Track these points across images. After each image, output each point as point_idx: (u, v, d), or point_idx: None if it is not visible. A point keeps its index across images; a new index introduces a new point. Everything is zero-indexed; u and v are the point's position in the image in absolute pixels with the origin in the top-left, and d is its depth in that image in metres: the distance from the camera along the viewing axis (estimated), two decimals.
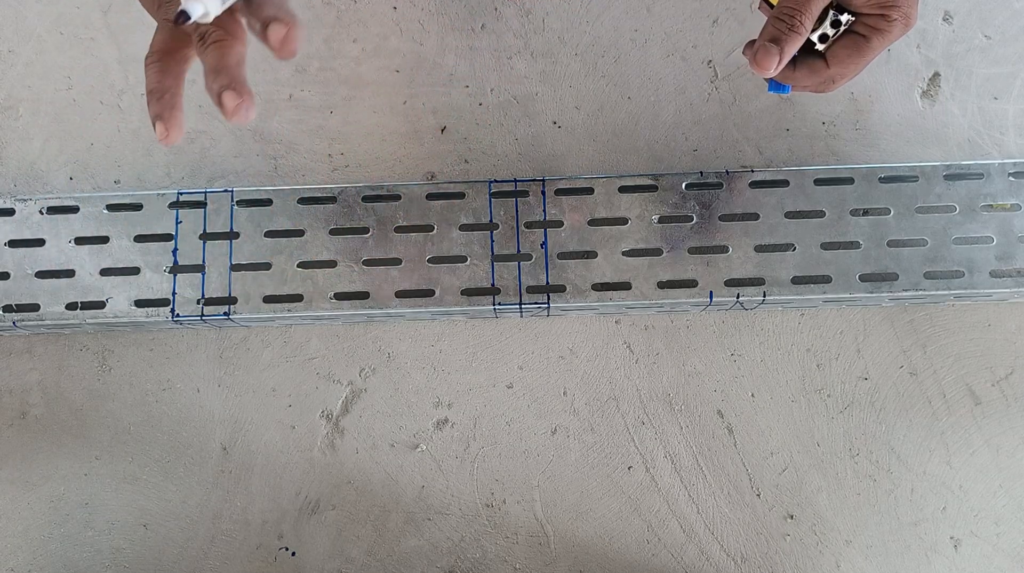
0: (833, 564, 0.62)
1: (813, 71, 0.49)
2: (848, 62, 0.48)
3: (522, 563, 0.63)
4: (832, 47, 0.49)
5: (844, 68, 0.48)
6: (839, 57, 0.48)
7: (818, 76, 0.49)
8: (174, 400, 0.65)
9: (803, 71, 0.49)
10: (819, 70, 0.49)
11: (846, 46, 0.48)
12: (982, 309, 0.65)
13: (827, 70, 0.49)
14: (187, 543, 0.63)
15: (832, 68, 0.48)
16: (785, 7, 0.47)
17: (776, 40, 0.47)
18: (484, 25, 0.71)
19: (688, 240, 0.61)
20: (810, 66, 0.49)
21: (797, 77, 0.50)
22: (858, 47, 0.48)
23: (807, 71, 0.49)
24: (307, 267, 0.62)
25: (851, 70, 0.49)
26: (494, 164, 0.68)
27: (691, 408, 0.64)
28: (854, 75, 0.49)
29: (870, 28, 0.48)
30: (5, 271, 0.62)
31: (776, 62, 0.47)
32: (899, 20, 0.47)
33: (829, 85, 0.50)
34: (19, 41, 0.72)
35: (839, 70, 0.48)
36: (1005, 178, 0.61)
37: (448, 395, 0.65)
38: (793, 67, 0.49)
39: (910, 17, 0.48)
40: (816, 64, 0.49)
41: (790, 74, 0.50)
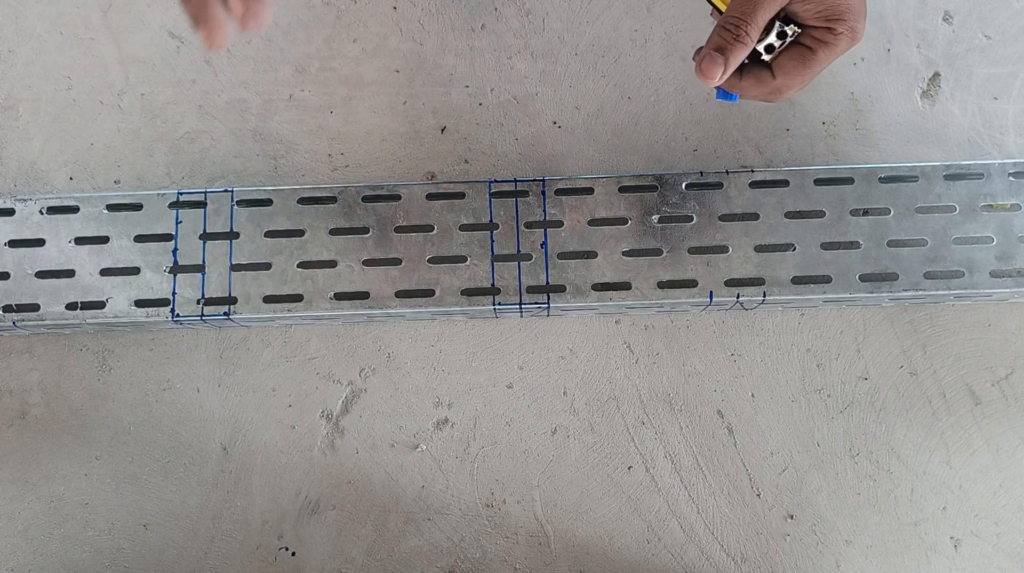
0: (833, 564, 0.62)
1: (759, 81, 0.49)
2: (794, 73, 0.48)
3: (522, 563, 0.63)
4: (778, 58, 0.49)
5: (790, 79, 0.48)
6: (785, 68, 0.48)
7: (764, 86, 0.49)
8: (174, 400, 0.65)
9: (749, 80, 0.49)
10: (765, 80, 0.49)
11: (792, 57, 0.48)
12: (982, 309, 0.65)
13: (773, 80, 0.49)
14: (187, 543, 0.63)
15: (778, 79, 0.49)
16: (731, 17, 0.47)
17: (721, 49, 0.47)
18: (484, 25, 0.71)
19: (688, 240, 0.61)
20: (756, 76, 0.49)
21: (744, 86, 0.50)
22: (804, 59, 0.48)
23: (753, 81, 0.49)
24: (307, 267, 0.62)
25: (797, 81, 0.49)
26: (494, 164, 0.68)
27: (691, 408, 0.64)
28: (801, 86, 0.50)
29: (816, 40, 0.48)
30: (5, 271, 0.62)
31: (721, 71, 0.47)
32: (845, 34, 0.47)
33: (776, 95, 0.50)
34: (19, 41, 0.72)
35: (785, 81, 0.49)
36: (1005, 178, 0.61)
37: (448, 395, 0.65)
38: (740, 76, 0.50)
39: (856, 31, 0.48)
40: (762, 74, 0.49)
41: (737, 83, 0.50)
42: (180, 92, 0.70)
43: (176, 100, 0.70)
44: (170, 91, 0.70)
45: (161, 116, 0.70)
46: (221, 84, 0.70)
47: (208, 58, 0.71)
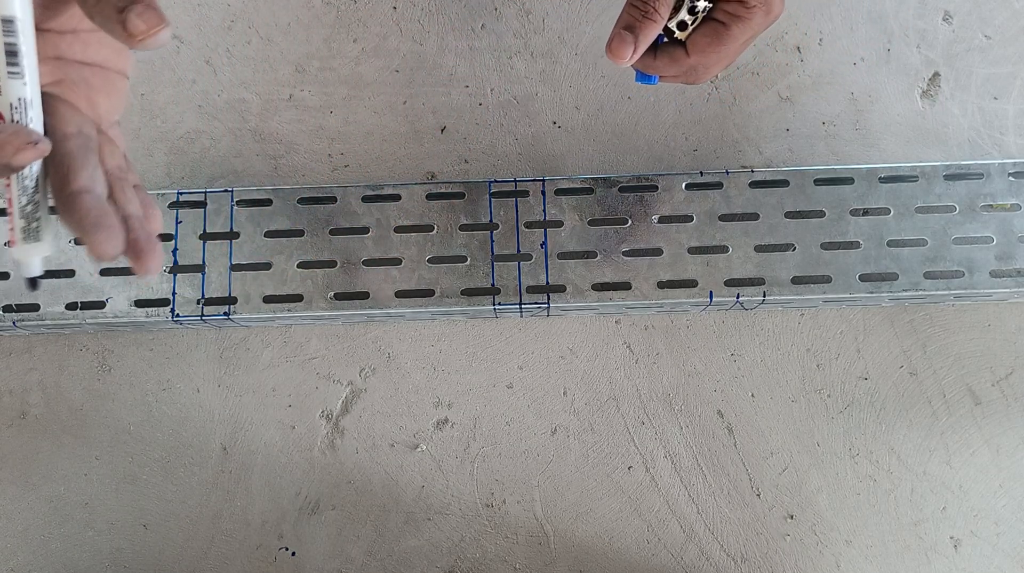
0: (833, 564, 0.62)
1: (673, 60, 0.47)
2: (708, 51, 0.46)
3: (522, 563, 0.63)
4: (692, 35, 0.47)
5: (705, 57, 0.47)
6: (699, 46, 0.46)
7: (679, 65, 0.48)
8: (174, 400, 0.65)
9: (663, 60, 0.48)
10: (679, 59, 0.47)
11: (706, 34, 0.46)
12: (982, 309, 0.65)
13: (687, 59, 0.47)
14: (187, 543, 0.63)
15: (692, 57, 0.47)
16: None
17: (631, 28, 0.45)
18: (484, 25, 0.71)
19: (688, 240, 0.61)
20: (670, 55, 0.47)
21: (658, 66, 0.48)
22: (717, 35, 0.46)
23: (667, 60, 0.47)
24: (307, 267, 0.62)
25: (712, 59, 0.47)
26: (494, 164, 0.68)
27: (691, 408, 0.64)
28: (719, 66, 0.48)
29: (729, 15, 0.46)
30: (5, 271, 0.62)
31: (631, 50, 0.45)
32: (759, 7, 0.45)
33: (693, 75, 0.49)
34: None
35: (699, 59, 0.47)
36: (1005, 178, 0.61)
37: (448, 395, 0.65)
38: (654, 56, 0.48)
39: (771, 5, 0.45)
40: (676, 53, 0.47)
41: (651, 63, 0.48)
42: (180, 92, 0.70)
43: (176, 100, 0.70)
44: (170, 91, 0.70)
45: (161, 116, 0.70)
46: (221, 84, 0.70)
47: (208, 58, 0.71)
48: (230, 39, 0.71)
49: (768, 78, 0.69)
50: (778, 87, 0.69)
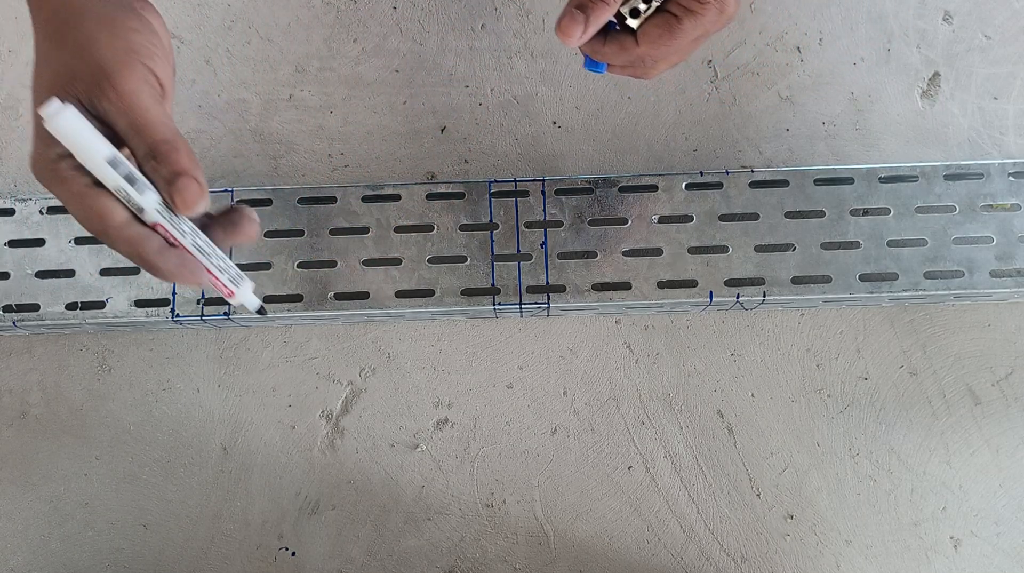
0: (833, 564, 0.62)
1: (623, 48, 0.47)
2: (659, 42, 0.45)
3: (522, 563, 0.63)
4: (644, 25, 0.46)
5: (654, 48, 0.46)
6: (650, 36, 0.46)
7: (628, 54, 0.47)
8: (174, 400, 0.65)
9: (612, 47, 0.47)
10: (629, 47, 0.46)
11: (658, 25, 0.46)
12: (982, 309, 0.65)
13: (636, 48, 0.46)
14: (187, 543, 0.63)
15: (642, 46, 0.46)
16: None
17: (582, 7, 0.44)
18: (484, 25, 0.71)
19: (687, 240, 0.61)
20: (620, 43, 0.47)
21: (607, 52, 0.47)
22: (669, 27, 0.45)
23: (617, 47, 0.47)
24: (307, 267, 0.62)
25: (662, 52, 0.46)
26: (494, 164, 0.68)
27: (691, 408, 0.64)
28: (667, 61, 0.47)
29: (683, 8, 0.45)
30: (5, 271, 0.62)
31: (580, 31, 0.44)
32: (712, 4, 0.45)
33: (642, 68, 0.48)
34: (19, 41, 0.72)
35: (649, 50, 0.46)
36: (1005, 178, 0.61)
37: (448, 395, 0.65)
38: (604, 42, 0.47)
39: (725, 5, 0.45)
40: (626, 41, 0.46)
41: (600, 48, 0.47)
42: (180, 92, 0.70)
43: (176, 100, 0.70)
44: None
45: None
46: (221, 84, 0.70)
47: (208, 58, 0.71)
48: (230, 39, 0.71)
49: (768, 78, 0.69)
50: (778, 87, 0.69)
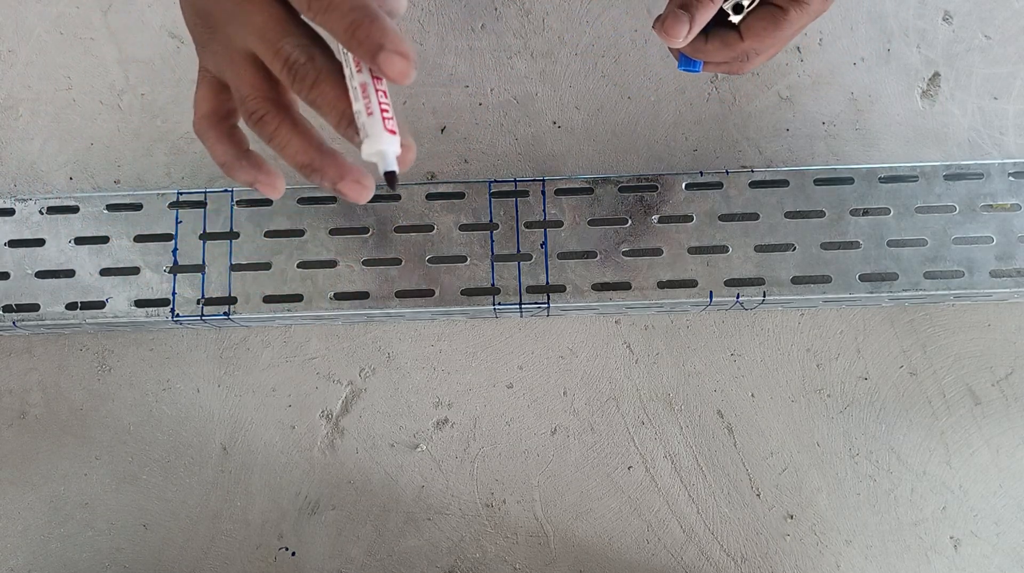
0: (833, 564, 0.62)
1: (726, 44, 0.46)
2: (763, 35, 0.45)
3: (522, 563, 0.63)
4: (747, 19, 0.46)
5: (759, 42, 0.46)
6: (754, 30, 0.45)
7: (731, 50, 0.46)
8: (174, 400, 0.65)
9: (715, 43, 0.46)
10: (732, 43, 0.46)
11: (762, 18, 0.45)
12: (982, 309, 0.65)
13: (741, 44, 0.46)
14: (187, 543, 0.63)
15: (746, 42, 0.46)
16: None
17: (686, 7, 0.44)
18: (484, 25, 0.71)
19: (688, 240, 0.61)
20: (723, 39, 0.46)
21: (709, 50, 0.47)
22: (775, 20, 0.45)
23: (719, 43, 0.46)
24: (307, 267, 0.62)
25: (766, 45, 0.46)
26: (494, 164, 0.68)
27: (691, 408, 0.64)
28: (770, 53, 0.47)
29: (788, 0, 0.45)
30: (5, 271, 0.62)
31: (685, 30, 0.43)
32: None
33: (743, 63, 0.48)
34: (19, 41, 0.72)
35: (753, 44, 0.46)
36: (1005, 178, 0.61)
37: (448, 395, 0.65)
38: (705, 39, 0.47)
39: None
40: (729, 37, 0.46)
41: (702, 46, 0.47)
42: (180, 92, 0.70)
43: (176, 100, 0.70)
44: (170, 91, 0.70)
45: (161, 116, 0.70)
46: None
47: None
48: None
49: (768, 78, 0.69)
50: (778, 87, 0.69)
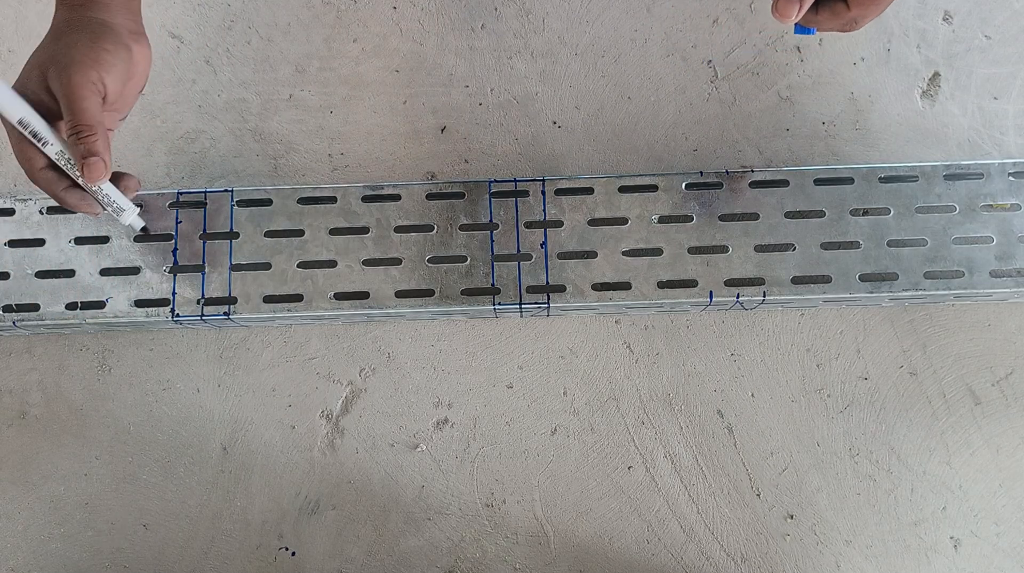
0: (833, 564, 0.62)
1: (835, 14, 0.51)
2: (869, 3, 0.50)
3: (522, 563, 0.63)
4: None
5: (865, 9, 0.50)
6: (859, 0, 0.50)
7: (840, 19, 0.51)
8: (174, 400, 0.65)
9: (825, 14, 0.51)
10: (841, 13, 0.51)
11: None
12: (982, 309, 0.65)
13: (848, 12, 0.51)
14: (187, 543, 0.63)
15: (853, 10, 0.50)
16: None
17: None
18: (484, 25, 0.71)
19: (688, 240, 0.61)
20: (832, 9, 0.51)
21: (820, 20, 0.52)
22: None
23: (829, 14, 0.51)
24: (307, 267, 0.62)
25: (872, 10, 0.50)
26: (494, 164, 0.68)
27: (691, 408, 0.64)
28: (876, 13, 0.51)
29: None
30: (5, 271, 0.62)
31: (796, 9, 0.49)
32: None
33: (852, 25, 0.52)
34: (19, 41, 0.72)
35: (860, 11, 0.50)
36: (1005, 178, 0.61)
37: (448, 395, 0.65)
38: (815, 11, 0.52)
39: None
40: (838, 7, 0.51)
41: (813, 17, 0.52)
42: (180, 92, 0.70)
43: (176, 100, 0.70)
44: (170, 91, 0.70)
45: (161, 116, 0.70)
46: (221, 84, 0.70)
47: (208, 58, 0.71)
48: (230, 39, 0.71)
49: (768, 78, 0.69)
50: (778, 87, 0.69)
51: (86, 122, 0.47)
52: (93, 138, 0.47)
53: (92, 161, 0.48)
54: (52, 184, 0.50)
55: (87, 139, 0.47)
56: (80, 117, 0.47)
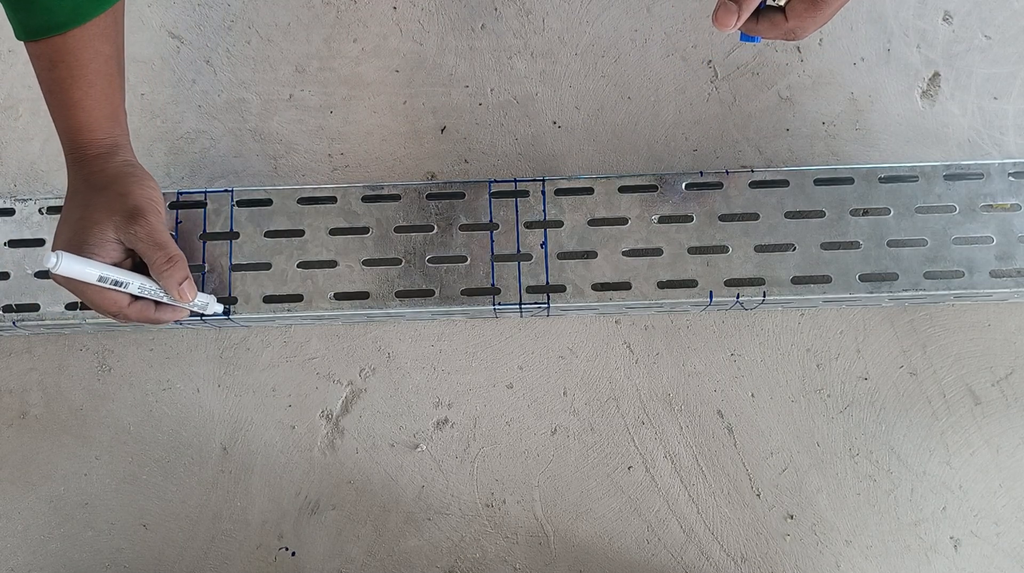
0: (833, 564, 0.62)
1: (774, 24, 0.52)
2: (805, 16, 0.50)
3: (522, 563, 0.63)
4: (791, 2, 0.51)
5: (802, 21, 0.51)
6: (796, 11, 0.51)
7: (779, 29, 0.52)
8: (174, 400, 0.65)
9: (764, 24, 0.52)
10: (779, 24, 0.52)
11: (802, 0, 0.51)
12: (982, 309, 0.65)
13: (786, 23, 0.52)
14: (187, 543, 0.63)
15: (790, 21, 0.51)
16: None
17: None
18: (484, 25, 0.71)
19: (688, 240, 0.61)
20: (771, 20, 0.52)
21: (760, 29, 0.53)
22: (813, 2, 0.50)
23: (768, 24, 0.52)
24: (307, 267, 0.62)
25: (809, 23, 0.51)
26: (494, 164, 0.68)
27: (691, 408, 0.64)
28: (815, 27, 0.52)
29: None
30: (5, 271, 0.62)
31: (734, 19, 0.50)
32: None
33: (792, 35, 0.53)
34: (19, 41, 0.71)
35: (797, 23, 0.51)
36: (1005, 178, 0.61)
37: (448, 395, 0.65)
38: (756, 21, 0.52)
39: None
40: (776, 18, 0.52)
41: (754, 27, 0.53)
42: (180, 92, 0.70)
43: (176, 100, 0.70)
44: (170, 91, 0.70)
45: (161, 116, 0.70)
46: (221, 84, 0.70)
47: (208, 58, 0.71)
48: (230, 39, 0.71)
49: (768, 78, 0.69)
50: (778, 87, 0.69)
51: (175, 252, 0.53)
52: (182, 263, 0.54)
53: (188, 284, 0.54)
54: (145, 311, 0.55)
55: (179, 266, 0.53)
56: (170, 250, 0.53)
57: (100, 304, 0.53)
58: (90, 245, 0.51)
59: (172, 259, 0.53)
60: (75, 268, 0.49)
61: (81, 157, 0.54)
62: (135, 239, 0.52)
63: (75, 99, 0.53)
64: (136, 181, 0.54)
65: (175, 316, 0.57)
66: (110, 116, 0.55)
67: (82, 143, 0.54)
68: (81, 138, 0.54)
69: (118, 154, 0.55)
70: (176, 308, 0.56)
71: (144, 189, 0.54)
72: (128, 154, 0.57)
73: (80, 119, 0.54)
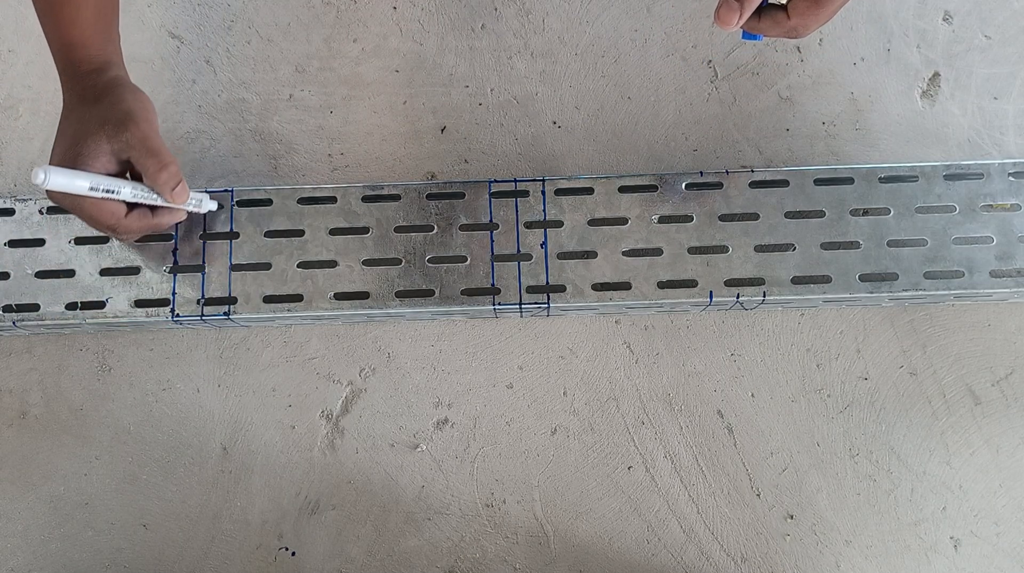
0: (833, 564, 0.62)
1: (776, 22, 0.52)
2: (807, 14, 0.51)
3: (522, 563, 0.63)
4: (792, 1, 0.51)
5: (804, 19, 0.51)
6: (799, 9, 0.51)
7: (781, 27, 0.52)
8: (174, 400, 0.65)
9: (767, 22, 0.53)
10: (781, 21, 0.52)
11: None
12: (982, 309, 0.65)
13: (788, 21, 0.52)
14: (187, 543, 0.63)
15: (792, 19, 0.51)
16: None
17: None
18: (484, 25, 0.71)
19: (688, 240, 0.61)
20: (773, 18, 0.52)
21: (762, 27, 0.53)
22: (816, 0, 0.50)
23: (770, 22, 0.52)
24: (307, 267, 0.62)
25: (811, 21, 0.52)
26: (494, 164, 0.68)
27: (691, 408, 0.64)
28: (818, 24, 0.52)
29: None
30: (5, 271, 0.62)
31: (737, 18, 0.50)
32: None
33: (794, 33, 0.53)
34: (19, 41, 0.72)
35: (799, 21, 0.51)
36: (1005, 178, 0.61)
37: (448, 395, 0.65)
38: (759, 19, 0.53)
39: None
40: (778, 16, 0.52)
41: (756, 25, 0.53)
42: (180, 92, 0.70)
43: (176, 100, 0.70)
44: (170, 91, 0.70)
45: (161, 116, 0.69)
46: (221, 84, 0.70)
47: (208, 58, 0.71)
48: (230, 39, 0.71)
49: (768, 78, 0.69)
50: (778, 87, 0.69)
51: (168, 160, 0.53)
52: (175, 168, 0.54)
53: (181, 187, 0.54)
54: (143, 219, 0.55)
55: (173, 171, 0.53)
56: (164, 156, 0.53)
57: (98, 218, 0.53)
58: (84, 156, 0.51)
59: (165, 165, 0.53)
60: (63, 181, 0.49)
61: (74, 74, 0.54)
62: (127, 147, 0.52)
63: (68, 16, 0.53)
64: (128, 91, 0.54)
65: (173, 219, 0.57)
66: (103, 32, 0.55)
67: (75, 60, 0.54)
68: (74, 55, 0.54)
69: (110, 70, 0.55)
70: (173, 210, 0.57)
71: (136, 99, 0.54)
72: (120, 70, 0.56)
73: (73, 35, 0.54)
